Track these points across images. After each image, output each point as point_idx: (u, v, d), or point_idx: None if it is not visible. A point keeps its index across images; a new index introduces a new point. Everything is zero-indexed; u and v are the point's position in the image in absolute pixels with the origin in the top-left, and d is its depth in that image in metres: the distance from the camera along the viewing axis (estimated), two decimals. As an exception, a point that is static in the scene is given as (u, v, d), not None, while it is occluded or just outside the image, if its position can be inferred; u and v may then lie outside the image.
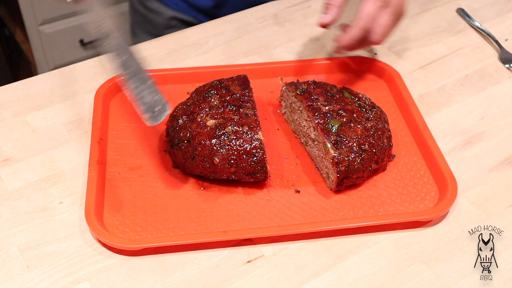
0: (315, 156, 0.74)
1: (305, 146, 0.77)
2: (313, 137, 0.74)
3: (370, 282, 0.63)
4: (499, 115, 0.85)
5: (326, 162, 0.71)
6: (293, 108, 0.78)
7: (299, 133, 0.78)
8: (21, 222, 0.68)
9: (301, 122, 0.76)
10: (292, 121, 0.79)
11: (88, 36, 2.08)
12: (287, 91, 0.79)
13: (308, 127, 0.75)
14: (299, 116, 0.77)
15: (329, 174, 0.71)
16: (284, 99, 0.80)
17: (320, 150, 0.72)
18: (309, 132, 0.75)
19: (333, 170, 0.69)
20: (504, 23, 1.02)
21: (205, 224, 0.65)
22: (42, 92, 0.86)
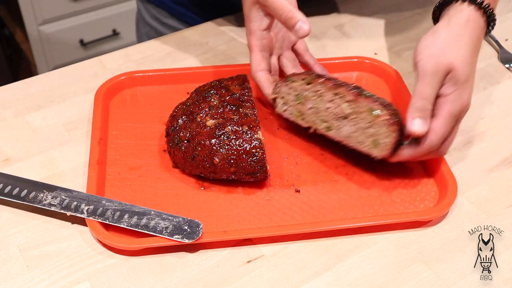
0: (349, 133, 0.70)
1: (328, 132, 0.72)
2: (346, 113, 0.70)
3: (370, 282, 0.63)
4: (499, 115, 0.85)
5: (375, 128, 0.68)
6: (304, 98, 0.73)
7: (316, 122, 0.73)
8: (21, 222, 0.68)
9: (321, 107, 0.72)
10: (301, 114, 0.74)
11: (88, 36, 2.08)
12: (288, 84, 0.74)
13: (336, 106, 0.71)
14: (316, 103, 0.72)
15: (379, 141, 0.68)
16: (282, 95, 0.75)
17: (359, 123, 0.69)
18: (338, 112, 0.71)
19: (388, 132, 0.67)
20: (504, 23, 1.02)
21: (205, 224, 0.65)
22: (42, 92, 0.86)
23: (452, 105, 0.67)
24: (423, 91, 0.67)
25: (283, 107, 0.76)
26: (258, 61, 0.77)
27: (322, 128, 0.73)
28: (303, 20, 0.71)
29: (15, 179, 0.70)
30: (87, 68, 0.90)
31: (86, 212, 0.66)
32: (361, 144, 0.70)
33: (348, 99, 0.70)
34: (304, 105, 0.74)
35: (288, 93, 0.75)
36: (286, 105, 0.75)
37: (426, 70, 0.67)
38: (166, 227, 0.64)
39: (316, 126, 0.73)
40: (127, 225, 0.65)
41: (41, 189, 0.68)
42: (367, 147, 0.69)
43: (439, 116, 0.67)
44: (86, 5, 2.01)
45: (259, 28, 0.76)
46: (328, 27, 0.99)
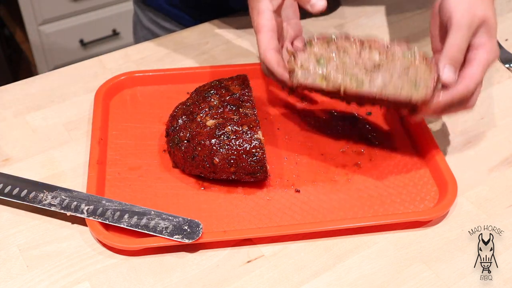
0: (384, 83, 0.65)
1: (360, 87, 0.65)
2: (378, 63, 0.66)
3: (370, 282, 0.63)
4: (499, 115, 0.85)
5: (413, 70, 0.65)
6: (327, 59, 0.66)
7: (345, 81, 0.65)
8: (21, 222, 0.68)
9: (348, 62, 0.66)
10: (325, 78, 0.66)
11: (88, 36, 2.08)
12: (306, 50, 0.68)
13: (366, 58, 0.66)
14: (342, 59, 0.66)
15: (420, 82, 0.64)
16: (301, 64, 0.67)
17: (394, 70, 0.65)
18: (368, 64, 0.66)
19: (428, 70, 0.65)
20: (504, 23, 1.02)
21: (205, 224, 0.65)
22: (42, 92, 0.86)
23: (489, 54, 0.68)
24: (457, 43, 0.67)
25: (304, 76, 0.67)
26: (268, 39, 0.71)
27: (352, 86, 0.66)
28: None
29: (15, 179, 0.70)
30: (87, 68, 0.90)
31: (86, 212, 0.66)
32: (400, 90, 0.65)
33: (377, 49, 0.67)
34: (328, 67, 0.67)
35: (308, 60, 0.67)
36: (307, 73, 0.67)
37: (461, 22, 0.67)
38: (166, 227, 0.64)
39: (345, 86, 0.66)
40: (127, 225, 0.65)
41: (41, 189, 0.68)
42: (407, 91, 0.64)
43: (476, 63, 0.68)
44: (86, 5, 2.01)
45: (269, 8, 0.71)
46: (328, 27, 0.99)
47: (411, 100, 0.64)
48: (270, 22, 0.71)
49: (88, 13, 2.04)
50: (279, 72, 0.70)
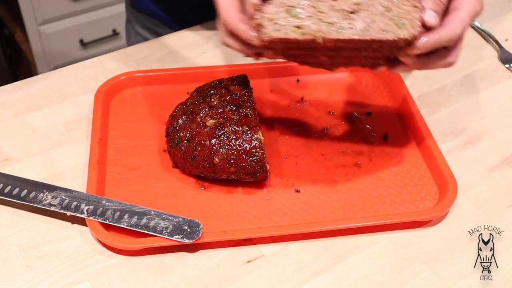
0: (366, 26, 0.60)
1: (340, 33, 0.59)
2: (357, 4, 0.61)
3: (370, 282, 0.63)
4: (499, 115, 0.85)
5: (395, 8, 0.60)
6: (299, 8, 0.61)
7: (321, 29, 0.60)
8: (21, 222, 0.68)
9: (323, 9, 0.60)
10: (299, 28, 0.60)
11: (88, 36, 2.08)
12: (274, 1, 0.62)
13: (342, 1, 0.61)
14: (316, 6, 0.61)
15: (405, 20, 0.60)
16: (270, 17, 0.61)
17: (374, 11, 0.60)
18: (346, 7, 0.61)
19: (412, 6, 0.60)
20: (504, 23, 1.02)
21: (205, 224, 0.65)
22: (42, 92, 0.86)
23: (475, 3, 0.65)
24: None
25: (274, 28, 0.60)
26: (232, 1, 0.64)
27: (331, 32, 0.60)
28: None
29: (15, 179, 0.70)
30: (87, 68, 0.90)
31: (86, 212, 0.66)
32: (384, 32, 0.59)
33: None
34: (301, 16, 0.61)
35: (277, 11, 0.61)
36: (278, 26, 0.60)
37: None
38: (166, 227, 0.64)
39: (322, 34, 0.59)
40: (127, 225, 0.65)
41: (41, 189, 0.68)
42: (392, 32, 0.59)
43: (463, 10, 0.63)
44: (86, 5, 2.01)
45: None
46: None
47: (398, 40, 0.59)
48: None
49: (88, 13, 2.04)
50: (243, 29, 0.62)
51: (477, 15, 0.65)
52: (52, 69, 1.81)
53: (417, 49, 0.61)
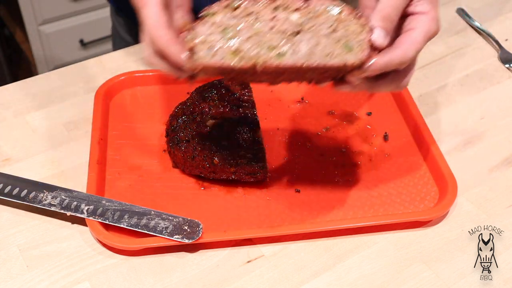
0: (310, 49, 0.54)
1: (282, 59, 0.53)
2: (299, 25, 0.54)
3: (370, 282, 0.63)
4: (499, 115, 0.85)
5: (342, 29, 0.55)
6: (234, 29, 0.54)
7: (261, 53, 0.53)
8: (21, 222, 0.68)
9: (262, 30, 0.54)
10: (237, 53, 0.53)
11: (88, 36, 2.08)
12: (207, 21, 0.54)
13: (283, 21, 0.54)
14: (254, 27, 0.54)
15: (352, 42, 0.54)
16: (202, 38, 0.53)
17: (319, 31, 0.54)
18: (287, 28, 0.54)
19: (360, 27, 0.54)
20: (504, 23, 1.02)
21: (205, 224, 0.65)
22: (42, 92, 0.86)
23: (431, 24, 0.59)
24: (395, 1, 0.57)
25: (209, 53, 0.53)
26: (158, 13, 0.55)
27: (272, 58, 0.53)
28: None
29: (15, 179, 0.70)
30: (87, 68, 0.90)
31: (86, 212, 0.66)
32: (330, 56, 0.54)
33: (296, 7, 0.55)
34: (238, 38, 0.54)
35: (210, 32, 0.54)
36: (212, 50, 0.53)
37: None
38: (166, 227, 0.64)
39: (263, 59, 0.53)
40: (127, 225, 0.65)
41: (41, 189, 0.68)
42: (339, 56, 0.54)
43: (417, 31, 0.58)
44: (86, 5, 2.01)
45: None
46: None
47: (346, 66, 0.54)
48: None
49: (88, 13, 2.04)
50: (173, 52, 0.54)
51: (432, 36, 0.60)
52: (52, 69, 1.80)
53: (366, 72, 0.55)
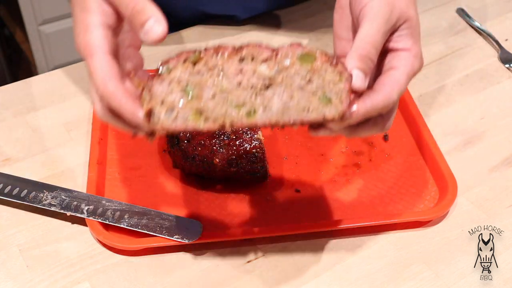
0: (283, 106, 0.48)
1: (252, 118, 0.48)
2: (269, 78, 0.48)
3: (370, 282, 0.63)
4: (499, 115, 0.85)
5: (317, 79, 0.48)
6: (197, 87, 0.48)
7: (229, 112, 0.48)
8: (21, 222, 0.68)
9: (228, 86, 0.48)
10: (201, 113, 0.47)
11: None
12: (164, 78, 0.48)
13: (250, 74, 0.48)
14: (219, 83, 0.48)
15: (330, 93, 0.49)
16: (160, 99, 0.47)
17: (292, 83, 0.48)
18: (256, 81, 0.48)
19: (337, 75, 0.49)
20: (504, 23, 1.02)
21: (205, 224, 0.65)
22: (42, 92, 0.85)
23: (414, 62, 0.54)
24: (373, 37, 0.52)
25: (170, 116, 0.47)
26: (107, 64, 0.49)
27: (242, 117, 0.48)
28: (156, 18, 0.47)
29: (15, 179, 0.70)
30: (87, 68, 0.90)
31: (86, 212, 0.66)
32: (307, 112, 0.49)
33: (264, 58, 0.48)
34: (201, 97, 0.48)
35: (169, 91, 0.47)
36: (173, 111, 0.47)
37: (378, 13, 0.52)
38: (166, 227, 0.64)
39: (232, 119, 0.48)
40: (127, 225, 0.65)
41: (41, 189, 0.68)
42: (316, 110, 0.48)
43: (399, 70, 0.53)
44: (86, 5, 2.01)
45: (102, 23, 0.50)
46: (328, 27, 0.99)
47: (324, 120, 0.49)
48: (106, 40, 0.50)
49: (88, 13, 2.04)
50: (130, 112, 0.47)
51: (415, 74, 0.55)
52: (52, 69, 1.80)
53: (346, 121, 0.50)
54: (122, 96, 0.48)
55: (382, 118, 0.54)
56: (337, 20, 0.59)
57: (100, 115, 0.51)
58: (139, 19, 0.48)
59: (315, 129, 0.52)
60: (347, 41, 0.57)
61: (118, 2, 0.49)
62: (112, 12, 0.51)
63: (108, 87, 0.48)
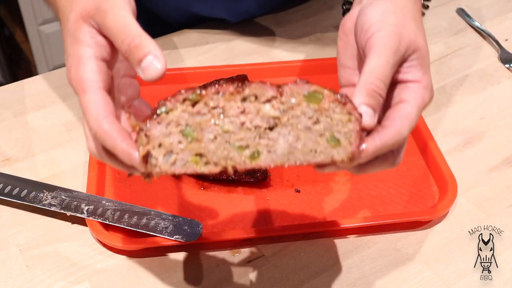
0: (289, 148, 0.46)
1: (256, 160, 0.46)
2: (274, 118, 0.46)
3: (370, 282, 0.63)
4: (499, 115, 0.85)
5: (325, 120, 0.46)
6: (197, 128, 0.45)
7: (231, 155, 0.45)
8: (21, 222, 0.68)
9: (230, 128, 0.45)
10: (201, 157, 0.45)
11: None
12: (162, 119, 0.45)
13: (254, 115, 0.46)
14: (220, 125, 0.45)
15: (339, 134, 0.46)
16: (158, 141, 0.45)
17: (298, 124, 0.46)
18: (260, 122, 0.46)
19: (346, 115, 0.46)
20: (504, 23, 1.02)
21: (205, 224, 0.65)
22: (42, 92, 0.85)
23: (424, 94, 0.51)
24: (381, 71, 0.49)
25: (168, 160, 0.45)
26: (101, 102, 0.46)
27: (244, 160, 0.46)
28: (155, 54, 0.45)
29: (15, 179, 0.70)
30: (87, 68, 0.90)
31: (86, 212, 0.66)
32: (314, 154, 0.46)
33: (268, 97, 0.46)
34: (202, 140, 0.45)
35: (167, 133, 0.45)
36: (172, 154, 0.45)
37: (386, 44, 0.49)
38: (166, 227, 0.64)
39: (234, 163, 0.45)
40: (127, 225, 0.65)
41: (41, 189, 0.68)
42: (324, 153, 0.46)
43: (410, 104, 0.50)
44: (86, 5, 2.01)
45: (97, 57, 0.48)
46: (328, 27, 0.99)
47: (333, 162, 0.47)
48: (100, 75, 0.47)
49: (88, 13, 2.04)
50: (126, 153, 0.45)
51: (426, 107, 0.52)
52: (52, 69, 1.80)
53: (356, 161, 0.47)
54: (118, 136, 0.45)
55: (392, 153, 0.51)
56: (341, 48, 0.56)
57: (94, 154, 0.49)
58: (137, 55, 0.45)
59: (321, 167, 0.49)
60: (352, 70, 0.55)
61: (112, 37, 0.47)
62: (106, 43, 0.48)
63: (102, 126, 0.45)
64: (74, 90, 0.48)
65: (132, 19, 0.47)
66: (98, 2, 0.47)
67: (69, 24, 0.49)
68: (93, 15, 0.47)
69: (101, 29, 0.47)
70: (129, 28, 0.46)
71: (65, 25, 0.50)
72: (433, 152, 0.75)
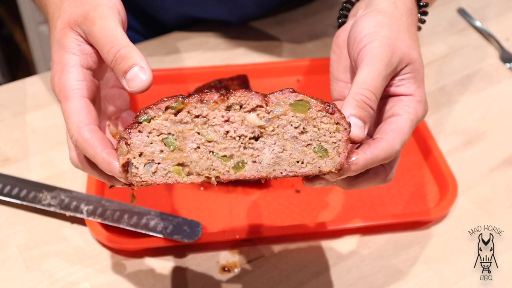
0: (275, 158, 0.45)
1: (240, 171, 0.46)
2: (259, 128, 0.45)
3: (370, 282, 0.63)
4: (499, 115, 0.85)
5: (312, 129, 0.45)
6: (179, 137, 0.44)
7: (214, 165, 0.45)
8: (21, 222, 0.68)
9: (214, 137, 0.45)
10: (183, 167, 0.45)
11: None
12: (143, 127, 0.44)
13: (239, 124, 0.44)
14: (204, 134, 0.44)
15: (326, 145, 0.45)
16: (139, 150, 0.44)
17: (284, 134, 0.45)
18: (244, 131, 0.45)
19: (333, 125, 0.45)
20: (505, 22, 1.02)
21: (205, 224, 0.65)
22: (41, 92, 0.85)
23: (418, 108, 0.50)
24: (372, 82, 0.47)
25: (149, 170, 0.44)
26: (82, 110, 0.46)
27: (228, 170, 0.46)
28: (141, 66, 0.44)
29: (15, 179, 0.70)
30: (87, 68, 0.90)
31: (85, 212, 0.66)
32: (301, 165, 0.45)
33: (253, 106, 0.45)
34: (184, 149, 0.44)
35: (149, 142, 0.44)
36: (153, 164, 0.44)
37: (378, 56, 0.48)
38: (166, 227, 0.64)
39: (217, 173, 0.46)
40: (127, 225, 0.65)
41: (40, 189, 0.68)
42: (311, 163, 0.45)
43: (403, 118, 0.49)
44: (85, 5, 2.01)
45: (82, 65, 0.47)
46: (328, 26, 0.99)
47: (320, 173, 0.46)
48: (84, 83, 0.47)
49: (88, 13, 2.04)
50: (106, 163, 0.44)
51: (420, 121, 0.51)
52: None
53: (345, 173, 0.46)
54: (98, 145, 0.44)
55: (384, 169, 0.50)
56: (334, 61, 0.55)
57: (76, 164, 0.48)
58: (122, 65, 0.44)
59: (310, 180, 0.48)
60: (345, 83, 0.54)
61: (99, 46, 0.46)
62: (92, 52, 0.47)
63: (82, 134, 0.45)
64: (57, 97, 0.47)
65: (119, 29, 0.46)
66: (86, 11, 0.47)
67: (56, 30, 0.48)
68: (81, 24, 0.47)
69: (88, 38, 0.47)
70: (115, 38, 0.45)
71: (52, 32, 0.49)
72: (434, 152, 0.75)
